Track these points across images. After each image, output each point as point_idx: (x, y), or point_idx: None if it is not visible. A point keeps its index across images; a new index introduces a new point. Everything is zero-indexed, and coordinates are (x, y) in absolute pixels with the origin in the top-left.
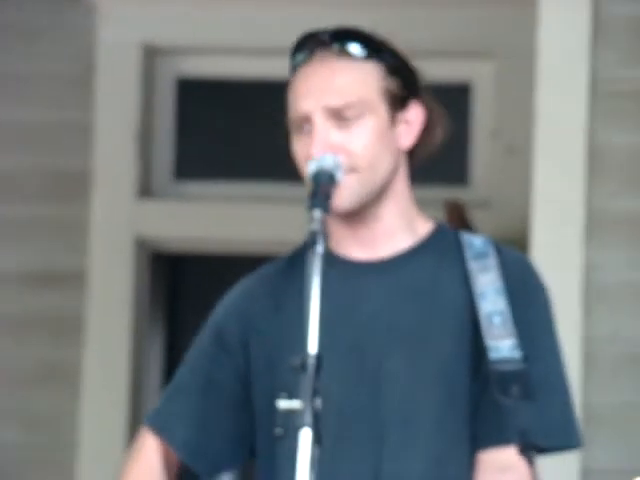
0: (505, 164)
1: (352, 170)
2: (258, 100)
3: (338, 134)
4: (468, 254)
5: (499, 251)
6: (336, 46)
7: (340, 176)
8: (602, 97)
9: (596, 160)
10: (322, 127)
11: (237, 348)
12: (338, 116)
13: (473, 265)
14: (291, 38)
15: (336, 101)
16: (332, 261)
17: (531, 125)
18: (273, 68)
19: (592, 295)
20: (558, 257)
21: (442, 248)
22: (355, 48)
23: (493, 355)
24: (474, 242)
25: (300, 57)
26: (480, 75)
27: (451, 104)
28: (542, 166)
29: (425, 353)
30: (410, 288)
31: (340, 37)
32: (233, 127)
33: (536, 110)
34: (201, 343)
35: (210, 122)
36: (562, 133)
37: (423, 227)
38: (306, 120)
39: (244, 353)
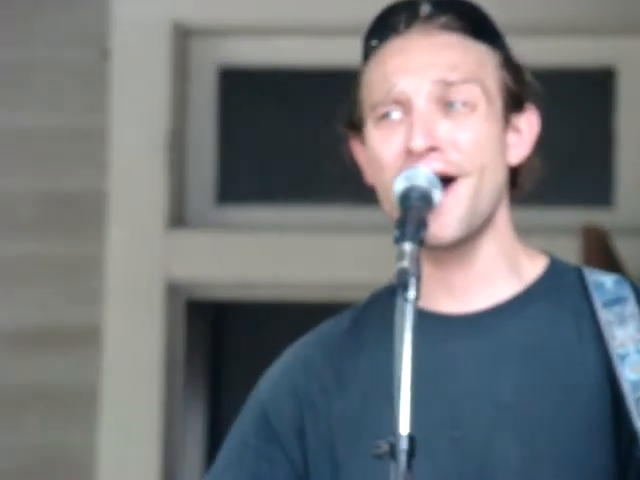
0: None
1: (461, 175)
2: (322, 94)
3: (446, 123)
4: (597, 301)
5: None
6: (442, 19)
7: (438, 197)
8: None
9: None
10: (427, 112)
11: (290, 437)
12: (446, 101)
13: (606, 315)
14: (359, 14)
15: (449, 74)
16: (417, 317)
17: None
18: (341, 52)
19: None
20: None
21: (559, 294)
22: (467, 23)
23: None
24: (605, 283)
25: (388, 31)
26: (627, 57)
27: (592, 95)
28: None
29: (545, 435)
30: (517, 350)
31: (447, 8)
32: (290, 131)
33: None
34: (243, 431)
35: (260, 125)
36: None
37: (532, 267)
38: (397, 105)
39: (299, 443)
